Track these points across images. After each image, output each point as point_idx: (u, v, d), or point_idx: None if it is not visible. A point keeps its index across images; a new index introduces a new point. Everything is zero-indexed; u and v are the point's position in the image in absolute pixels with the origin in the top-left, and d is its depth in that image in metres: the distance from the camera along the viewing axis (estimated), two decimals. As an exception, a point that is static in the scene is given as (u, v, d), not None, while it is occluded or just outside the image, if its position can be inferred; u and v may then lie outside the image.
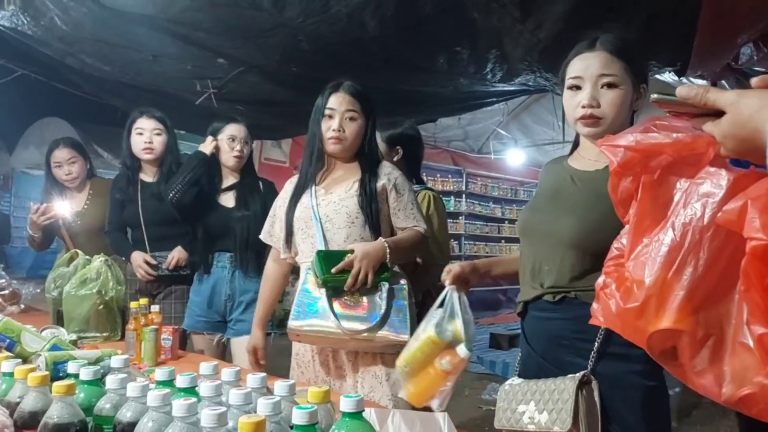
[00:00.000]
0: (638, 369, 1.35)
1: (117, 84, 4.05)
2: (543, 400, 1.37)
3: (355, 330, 1.85)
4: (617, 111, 1.44)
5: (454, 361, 1.47)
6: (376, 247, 1.92)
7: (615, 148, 0.93)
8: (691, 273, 0.83)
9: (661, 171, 0.91)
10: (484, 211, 10.18)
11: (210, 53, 3.29)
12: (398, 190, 2.07)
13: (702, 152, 0.86)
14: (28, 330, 1.71)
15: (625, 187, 0.95)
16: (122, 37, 3.23)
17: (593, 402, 1.33)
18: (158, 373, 1.13)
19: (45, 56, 3.93)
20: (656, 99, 0.86)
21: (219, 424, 0.86)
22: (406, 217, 2.07)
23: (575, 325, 1.42)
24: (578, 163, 1.55)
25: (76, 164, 3.19)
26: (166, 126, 2.91)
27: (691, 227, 0.83)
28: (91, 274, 2.64)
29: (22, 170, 10.86)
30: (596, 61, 1.46)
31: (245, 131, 2.81)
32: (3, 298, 3.08)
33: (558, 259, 1.45)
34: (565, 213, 1.46)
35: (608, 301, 0.92)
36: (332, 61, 3.03)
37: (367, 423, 0.95)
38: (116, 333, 2.62)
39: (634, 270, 0.89)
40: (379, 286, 1.92)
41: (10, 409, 1.14)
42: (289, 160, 7.03)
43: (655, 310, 0.85)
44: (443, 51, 2.96)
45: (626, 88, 1.45)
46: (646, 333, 0.87)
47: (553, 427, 1.32)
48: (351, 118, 2.03)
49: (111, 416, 1.06)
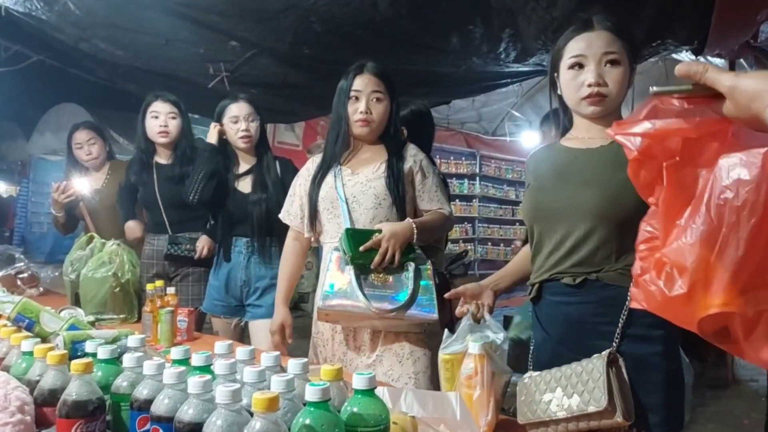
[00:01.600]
0: (659, 350, 1.36)
1: (130, 69, 4.06)
2: (571, 384, 1.31)
3: (384, 309, 1.86)
4: (621, 88, 1.45)
5: (468, 361, 1.38)
6: (403, 227, 1.94)
7: (632, 137, 0.91)
8: (734, 253, 0.81)
9: (681, 152, 0.89)
10: (498, 194, 10.14)
11: (222, 36, 3.29)
12: (424, 172, 2.09)
13: (723, 129, 0.85)
14: (46, 310, 1.74)
15: (646, 174, 0.94)
16: (135, 21, 3.24)
17: (624, 379, 1.30)
18: (174, 352, 1.15)
19: (59, 42, 3.95)
20: (656, 92, 0.86)
21: (233, 400, 0.88)
22: (431, 199, 2.09)
23: (597, 308, 1.40)
24: (577, 143, 1.52)
25: (96, 145, 3.31)
26: (181, 109, 2.93)
27: (727, 207, 0.81)
28: (107, 257, 2.68)
29: (40, 156, 10.97)
30: (599, 40, 1.45)
31: (248, 107, 2.72)
32: (22, 281, 3.14)
33: (582, 234, 1.41)
34: (582, 186, 1.43)
35: (650, 289, 0.90)
36: (345, 42, 3.01)
37: (379, 400, 0.96)
38: (133, 315, 2.66)
39: (673, 256, 0.87)
40: (405, 266, 1.93)
41: (30, 387, 1.17)
42: (302, 144, 7.02)
43: (702, 295, 0.84)
44: (456, 30, 2.93)
45: (626, 66, 1.46)
46: (696, 318, 0.85)
47: (587, 408, 1.26)
48: (377, 99, 2.03)
49: (128, 394, 1.08)
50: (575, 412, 1.28)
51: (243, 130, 2.68)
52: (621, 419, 1.24)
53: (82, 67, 4.73)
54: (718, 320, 0.85)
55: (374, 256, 1.89)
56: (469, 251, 9.11)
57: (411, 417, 1.10)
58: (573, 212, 1.43)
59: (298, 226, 2.20)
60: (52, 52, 4.71)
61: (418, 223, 1.97)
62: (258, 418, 0.84)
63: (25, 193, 11.85)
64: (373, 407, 0.94)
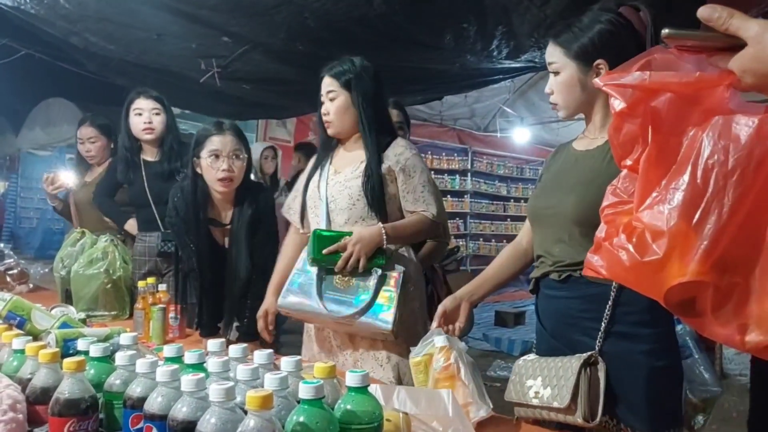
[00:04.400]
0: (645, 349, 1.37)
1: (121, 63, 4.03)
2: (549, 377, 1.39)
3: (337, 313, 1.86)
4: (563, 95, 1.51)
5: (438, 356, 1.42)
6: (371, 232, 1.90)
7: (622, 88, 0.85)
8: (715, 221, 0.76)
9: (669, 114, 0.83)
10: (490, 190, 10.15)
11: (214, 31, 3.27)
12: (408, 171, 2.01)
13: (719, 87, 0.80)
14: (38, 308, 1.73)
15: (629, 130, 0.87)
16: (126, 15, 3.21)
17: (597, 382, 1.34)
18: (167, 350, 1.14)
19: (48, 35, 3.91)
20: (668, 34, 0.79)
21: (227, 398, 0.88)
22: (415, 200, 2.01)
23: (581, 303, 1.44)
24: (581, 143, 1.58)
25: (96, 144, 3.32)
26: (164, 105, 2.91)
27: (714, 173, 0.77)
28: (98, 253, 2.67)
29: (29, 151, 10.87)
30: (548, 54, 1.53)
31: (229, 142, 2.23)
32: (12, 278, 3.13)
33: (566, 238, 1.47)
34: (567, 193, 1.48)
35: (617, 254, 0.85)
36: (338, 38, 3.01)
37: (372, 397, 0.96)
38: (124, 312, 2.65)
39: (649, 219, 0.82)
40: (372, 271, 1.90)
41: (21, 385, 1.16)
42: (294, 139, 7.00)
43: (676, 262, 0.79)
44: (450, 28, 2.93)
45: (569, 71, 1.48)
46: (665, 286, 0.80)
47: (552, 402, 1.35)
48: (331, 99, 2.02)
49: (121, 392, 1.07)
50: (545, 403, 1.37)
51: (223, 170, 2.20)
52: (581, 420, 1.31)
53: (73, 61, 4.69)
54: (688, 291, 0.80)
55: (338, 258, 1.88)
56: (461, 247, 9.13)
57: (404, 414, 1.10)
58: (558, 219, 1.49)
59: (296, 222, 2.20)
60: (42, 45, 4.66)
61: (389, 228, 1.92)
62: (252, 416, 0.84)
63: (14, 189, 11.76)
64: (367, 404, 0.94)
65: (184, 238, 2.32)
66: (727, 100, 0.79)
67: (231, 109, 4.91)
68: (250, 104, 4.73)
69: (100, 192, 3.11)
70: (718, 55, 0.77)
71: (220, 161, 2.18)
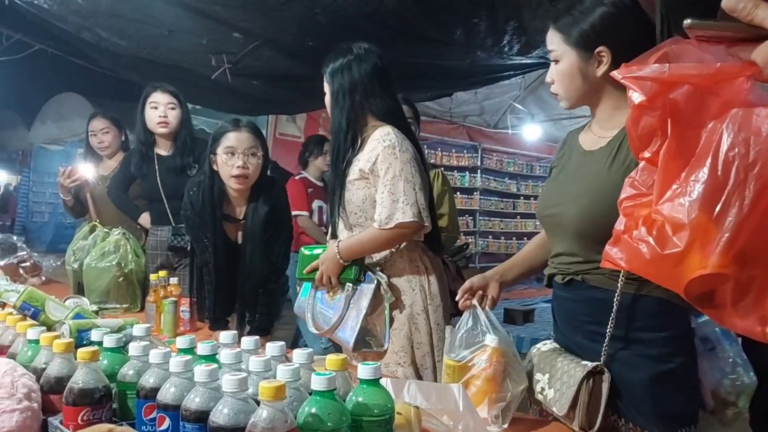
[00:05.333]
0: (653, 353, 1.34)
1: (133, 59, 4.05)
2: (554, 378, 1.38)
3: (319, 329, 1.97)
4: (563, 85, 1.42)
5: (482, 358, 1.39)
6: (330, 251, 1.93)
7: (642, 81, 0.84)
8: (736, 214, 0.76)
9: (687, 106, 0.82)
10: (500, 187, 10.11)
11: (225, 27, 3.28)
12: (376, 172, 1.86)
13: (739, 79, 0.79)
14: (52, 299, 1.75)
15: (647, 122, 0.86)
16: (138, 11, 3.23)
17: (599, 394, 1.31)
18: (179, 341, 1.15)
19: (61, 31, 3.94)
20: (690, 24, 0.78)
21: (240, 389, 0.88)
22: (377, 204, 1.86)
23: (585, 307, 1.42)
24: (586, 140, 1.50)
25: (109, 134, 3.35)
26: (180, 100, 2.93)
27: (735, 165, 0.76)
28: (110, 246, 2.69)
29: (41, 145, 10.96)
30: (549, 41, 1.44)
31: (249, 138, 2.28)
32: (24, 270, 3.15)
33: (567, 245, 1.45)
34: (569, 203, 1.43)
35: (637, 246, 0.85)
36: (349, 34, 3.00)
37: (384, 390, 0.97)
38: (136, 304, 2.67)
39: (669, 212, 0.82)
40: (345, 287, 1.93)
41: (36, 375, 1.17)
42: (304, 135, 7.00)
43: (697, 255, 0.79)
44: (461, 23, 2.92)
45: (568, 59, 1.39)
46: (685, 279, 0.80)
47: (553, 406, 1.35)
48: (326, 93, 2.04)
49: (134, 382, 1.09)
50: (547, 403, 1.38)
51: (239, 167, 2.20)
52: (578, 429, 1.30)
53: (84, 56, 4.72)
54: (707, 283, 0.80)
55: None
56: (470, 244, 9.11)
57: (415, 407, 1.10)
58: (560, 228, 1.46)
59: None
60: (54, 41, 4.71)
61: (343, 247, 1.90)
62: (265, 406, 0.84)
63: (26, 183, 11.86)
64: (378, 397, 0.95)
65: (199, 232, 2.34)
66: (747, 91, 0.79)
67: (241, 105, 4.92)
68: (260, 100, 4.73)
69: (115, 186, 3.12)
70: (739, 45, 0.76)
71: (235, 158, 2.18)
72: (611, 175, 1.33)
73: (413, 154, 1.89)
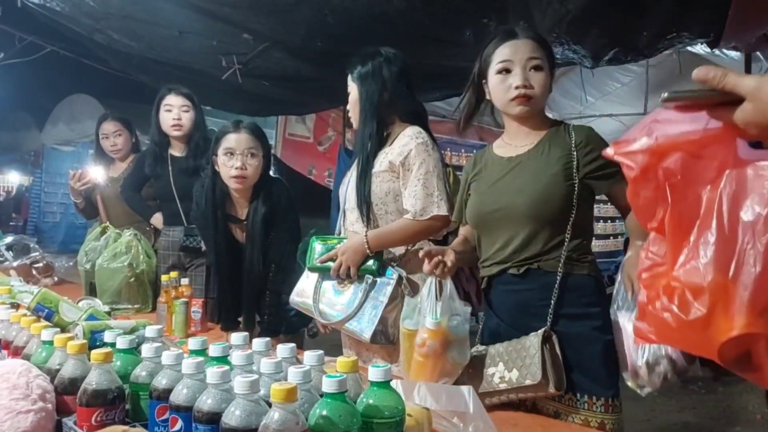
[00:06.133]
0: (597, 325, 1.52)
1: (144, 60, 4.07)
2: (511, 360, 1.49)
3: (327, 317, 1.93)
4: (544, 90, 1.60)
5: (423, 336, 1.48)
6: (354, 242, 1.91)
7: (633, 155, 0.86)
8: (752, 270, 0.75)
9: (683, 171, 0.84)
10: (509, 187, 10.10)
11: (235, 29, 3.29)
12: (407, 165, 1.89)
13: (727, 140, 0.81)
14: (65, 301, 1.77)
15: (646, 194, 0.87)
16: (149, 13, 3.25)
17: (556, 354, 1.46)
18: (191, 343, 1.16)
19: (73, 33, 3.97)
20: (667, 98, 0.80)
21: (252, 390, 0.89)
22: (407, 196, 1.89)
23: (540, 292, 1.55)
24: (509, 150, 1.67)
25: (122, 137, 3.34)
26: (194, 103, 2.94)
27: (740, 223, 0.77)
28: (122, 247, 2.71)
29: (52, 146, 11.05)
30: (524, 47, 1.59)
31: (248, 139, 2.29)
32: (37, 271, 3.18)
33: (520, 235, 1.57)
34: (514, 195, 1.58)
35: (662, 317, 0.84)
36: (358, 35, 3.00)
37: (395, 392, 0.97)
38: (147, 305, 2.70)
39: (686, 278, 0.81)
40: (364, 278, 1.91)
41: (50, 376, 1.19)
42: (313, 136, 7.03)
43: (722, 317, 0.78)
44: (470, 24, 2.91)
45: (548, 71, 1.60)
46: (717, 343, 0.79)
47: (525, 381, 1.44)
48: (349, 92, 2.02)
49: (147, 383, 1.10)
50: (514, 384, 1.46)
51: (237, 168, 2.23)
52: (553, 390, 1.43)
53: (96, 58, 4.76)
54: (740, 344, 0.79)
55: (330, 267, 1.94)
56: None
57: (425, 409, 1.11)
58: (510, 219, 1.58)
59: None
60: (66, 43, 4.75)
61: (372, 236, 1.89)
62: (276, 408, 0.85)
63: (38, 183, 11.98)
64: (389, 399, 0.95)
65: (205, 233, 2.36)
66: (736, 150, 0.81)
67: (251, 106, 4.94)
68: (270, 101, 4.75)
69: (127, 186, 3.13)
70: (719, 109, 0.79)
71: (234, 159, 2.21)
72: (550, 166, 1.55)
73: (441, 155, 1.97)
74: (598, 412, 1.48)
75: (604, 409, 1.48)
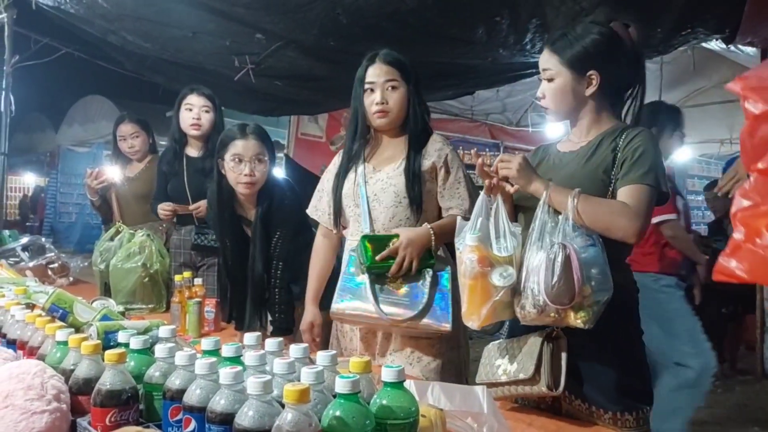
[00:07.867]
0: (617, 338, 1.49)
1: (158, 61, 4.10)
2: (514, 354, 1.53)
3: (397, 317, 1.85)
4: (556, 101, 1.64)
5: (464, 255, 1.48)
6: (420, 234, 1.89)
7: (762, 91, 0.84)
8: None
9: None
10: (522, 185, 10.06)
11: (248, 29, 3.30)
12: (448, 167, 2.00)
13: None
14: (79, 301, 1.78)
15: (764, 133, 0.85)
16: (162, 14, 3.27)
17: (559, 355, 1.45)
18: (204, 343, 1.16)
19: (87, 34, 4.01)
20: None
21: (265, 391, 0.89)
22: (451, 196, 1.99)
23: None
24: (565, 146, 1.70)
25: (139, 138, 3.35)
26: (215, 103, 2.96)
27: None
28: (135, 248, 2.73)
29: (68, 147, 11.17)
30: (543, 58, 1.63)
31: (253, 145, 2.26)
32: (53, 271, 3.21)
33: None
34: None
35: (763, 254, 0.83)
36: (370, 34, 3.00)
37: (408, 392, 0.96)
38: (161, 305, 2.71)
39: None
40: (423, 273, 1.89)
41: (65, 376, 1.19)
42: (326, 135, 7.03)
43: None
44: (482, 22, 2.90)
45: (563, 78, 1.59)
46: None
47: (519, 374, 1.47)
48: (393, 87, 1.97)
49: (160, 384, 1.10)
50: (511, 377, 1.50)
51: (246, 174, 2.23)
52: (545, 389, 1.42)
53: (110, 59, 4.79)
54: None
55: (391, 264, 1.87)
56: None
57: (439, 410, 1.10)
58: None
59: (327, 222, 2.16)
60: (81, 44, 4.79)
61: (436, 228, 1.91)
62: (289, 409, 0.85)
63: (53, 184, 12.11)
64: (403, 400, 0.95)
65: (218, 234, 2.40)
66: None
67: (264, 106, 4.95)
68: (282, 100, 4.76)
69: (157, 201, 3.02)
70: None
71: (243, 165, 2.21)
72: (584, 169, 1.56)
73: None
74: (609, 425, 1.47)
75: (613, 423, 1.47)
